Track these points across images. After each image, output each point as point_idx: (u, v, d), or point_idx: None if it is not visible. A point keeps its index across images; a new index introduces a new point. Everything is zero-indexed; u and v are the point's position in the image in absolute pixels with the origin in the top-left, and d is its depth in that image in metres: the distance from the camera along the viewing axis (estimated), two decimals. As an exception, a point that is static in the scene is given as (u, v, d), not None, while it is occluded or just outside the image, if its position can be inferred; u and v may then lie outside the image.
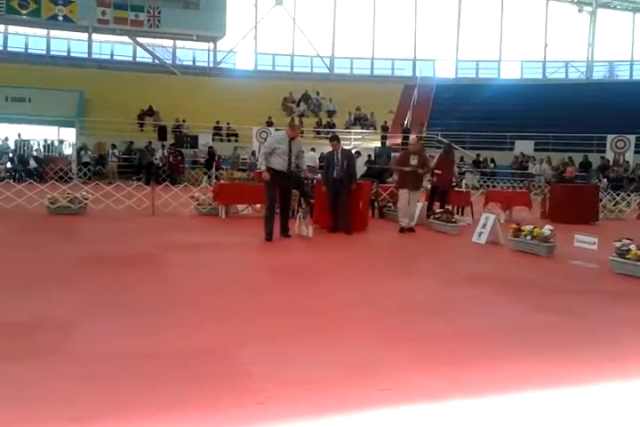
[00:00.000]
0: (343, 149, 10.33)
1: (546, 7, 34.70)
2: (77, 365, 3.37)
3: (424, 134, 27.58)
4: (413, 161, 10.19)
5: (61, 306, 4.58)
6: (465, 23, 34.85)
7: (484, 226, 9.29)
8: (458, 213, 12.31)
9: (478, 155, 25.79)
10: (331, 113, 29.73)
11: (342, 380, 3.24)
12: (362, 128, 28.59)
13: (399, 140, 27.55)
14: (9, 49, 30.69)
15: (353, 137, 26.76)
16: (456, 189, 12.89)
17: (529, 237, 8.18)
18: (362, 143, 26.11)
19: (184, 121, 26.65)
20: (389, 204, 12.87)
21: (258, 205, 12.98)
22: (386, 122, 28.70)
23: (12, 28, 30.80)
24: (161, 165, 22.35)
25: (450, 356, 3.73)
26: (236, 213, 12.33)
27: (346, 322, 4.44)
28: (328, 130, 27.49)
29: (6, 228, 9.07)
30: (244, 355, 3.60)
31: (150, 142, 23.75)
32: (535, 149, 25.62)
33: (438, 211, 11.19)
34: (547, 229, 8.06)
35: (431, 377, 3.33)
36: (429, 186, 12.42)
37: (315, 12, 33.54)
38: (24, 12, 29.26)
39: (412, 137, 10.67)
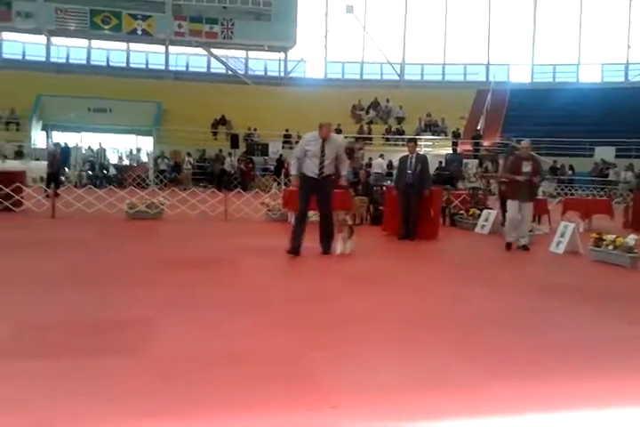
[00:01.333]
0: (418, 154, 10.17)
1: (629, 6, 33.11)
2: (156, 363, 3.46)
3: (498, 140, 26.90)
4: (526, 168, 8.81)
5: (142, 306, 4.75)
6: (541, 25, 33.76)
7: (563, 235, 8.89)
8: (534, 222, 11.86)
9: (555, 161, 24.85)
10: (400, 120, 29.50)
11: (417, 388, 3.16)
12: (432, 134, 28.17)
13: (470, 147, 26.99)
14: (92, 62, 32.30)
15: (423, 143, 26.40)
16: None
17: (611, 247, 7.75)
18: (432, 150, 25.71)
19: (255, 129, 27.15)
20: (461, 211, 12.58)
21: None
22: (458, 128, 28.17)
23: (94, 43, 32.40)
24: (232, 172, 22.85)
25: (531, 369, 3.55)
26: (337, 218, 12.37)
27: (419, 331, 4.34)
28: (397, 137, 27.29)
29: (89, 231, 9.46)
30: (317, 359, 3.58)
31: (220, 150, 24.39)
32: (617, 156, 24.41)
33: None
34: (631, 238, 7.62)
35: (511, 390, 3.17)
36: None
37: (385, 18, 33.44)
38: (106, 27, 30.75)
39: (525, 141, 9.25)
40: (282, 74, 33.61)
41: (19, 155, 23.47)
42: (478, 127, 28.26)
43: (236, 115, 27.83)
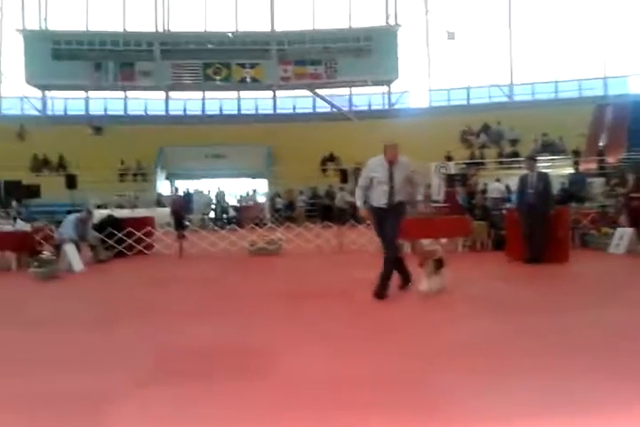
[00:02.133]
0: (539, 172, 9.62)
1: None
2: (282, 387, 3.55)
3: (623, 156, 25.03)
4: None
5: (264, 335, 4.93)
6: (660, 31, 31.51)
7: None
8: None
9: (693, 174, 22.56)
10: (513, 142, 28.40)
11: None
12: (551, 154, 26.80)
13: (594, 165, 25.29)
14: (206, 112, 34.40)
15: (542, 164, 25.14)
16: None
17: None
18: (552, 171, 24.37)
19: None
20: (592, 231, 11.68)
21: (443, 240, 12.63)
22: (577, 147, 26.60)
23: (208, 94, 34.55)
24: (345, 207, 22.99)
25: None
26: (420, 249, 12.04)
27: (542, 352, 4.08)
28: (511, 159, 26.24)
29: (215, 269, 9.89)
30: (442, 384, 3.49)
31: (330, 186, 24.77)
32: None
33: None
34: None
35: None
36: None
37: (489, 40, 32.78)
38: (218, 78, 32.74)
39: None
40: (386, 107, 33.79)
41: (146, 204, 25.19)
42: (600, 144, 26.50)
43: (344, 150, 28.19)
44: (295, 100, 34.70)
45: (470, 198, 15.00)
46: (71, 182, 17.84)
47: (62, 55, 32.28)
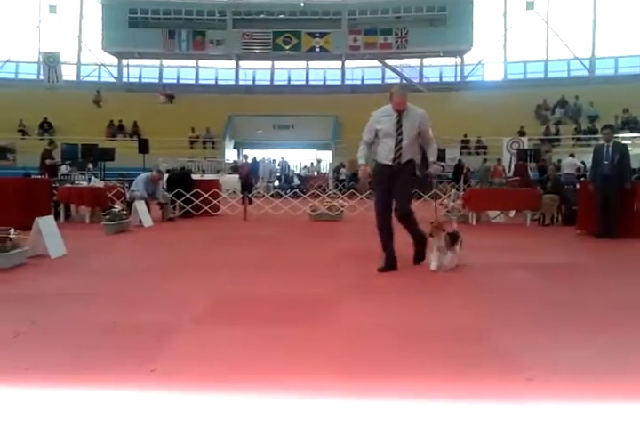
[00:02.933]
0: (615, 143, 9.13)
1: None
2: (340, 330, 3.57)
3: None
4: None
5: (322, 287, 4.97)
6: None
7: None
8: None
9: None
10: (592, 118, 27.06)
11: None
12: (631, 132, 25.41)
13: (678, 144, 23.82)
14: (275, 82, 34.53)
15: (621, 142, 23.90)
16: None
17: None
18: (632, 149, 23.12)
19: (433, 137, 26.79)
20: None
21: (512, 213, 12.30)
22: (661, 124, 25.10)
23: (277, 64, 34.63)
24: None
25: None
26: (486, 221, 11.78)
27: (611, 318, 3.94)
28: (589, 136, 25.07)
29: (277, 230, 10.02)
30: (505, 337, 3.44)
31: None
32: None
33: None
34: None
35: None
36: None
37: (571, 11, 31.10)
38: (287, 47, 32.73)
39: None
40: (458, 79, 32.85)
41: (214, 170, 25.72)
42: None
43: (412, 123, 27.75)
44: (364, 71, 34.25)
45: (542, 173, 14.48)
46: (144, 147, 18.33)
47: (138, 23, 33.08)
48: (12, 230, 5.80)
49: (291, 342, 3.35)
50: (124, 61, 34.62)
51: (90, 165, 20.34)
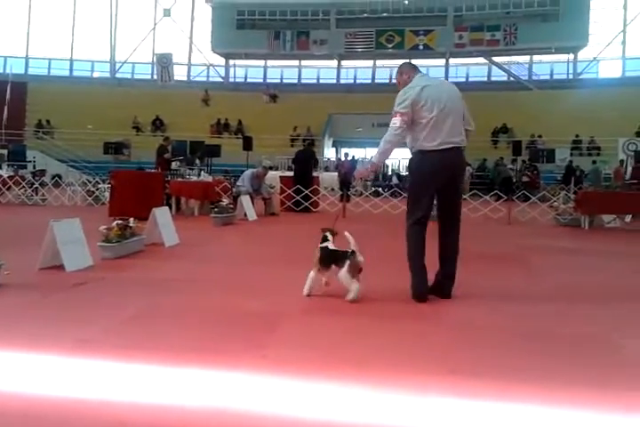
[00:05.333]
0: None
1: None
2: (441, 327, 3.52)
3: None
4: None
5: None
6: None
7: None
8: None
9: None
10: None
11: None
12: None
13: None
14: (377, 81, 34.35)
15: None
16: None
17: None
18: None
19: (540, 136, 25.69)
20: None
21: (628, 218, 11.52)
22: None
23: (378, 62, 34.49)
24: (514, 180, 21.88)
25: None
26: (600, 225, 11.09)
27: None
28: None
29: (375, 227, 9.95)
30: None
31: (501, 158, 23.69)
32: None
33: None
34: None
35: None
36: None
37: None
38: (390, 46, 32.47)
39: None
40: (570, 76, 31.19)
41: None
42: None
43: (519, 122, 26.74)
44: (469, 68, 33.37)
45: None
46: (248, 144, 18.87)
47: (245, 25, 34.16)
48: (132, 220, 6.15)
49: (395, 335, 3.36)
50: (231, 62, 35.87)
51: (197, 161, 21.28)
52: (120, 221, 5.97)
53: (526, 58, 32.40)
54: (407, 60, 5.06)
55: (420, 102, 4.08)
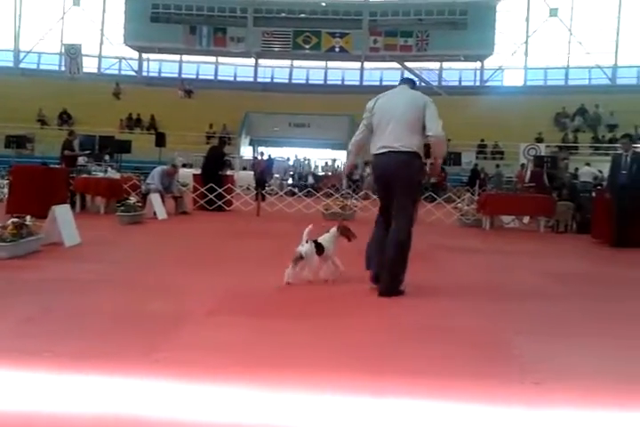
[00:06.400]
0: (634, 152, 9.04)
1: None
2: (357, 329, 3.52)
3: None
4: None
5: (343, 282, 4.93)
6: None
7: None
8: None
9: None
10: (611, 127, 26.82)
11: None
12: (651, 143, 25.16)
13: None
14: (293, 81, 34.57)
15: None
16: None
17: None
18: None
19: (449, 140, 26.61)
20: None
21: (526, 219, 12.22)
22: (683, 135, 24.79)
23: (295, 63, 34.68)
24: (423, 182, 22.65)
25: None
26: (500, 226, 11.72)
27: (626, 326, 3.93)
28: (607, 145, 24.84)
29: (289, 226, 9.95)
30: (517, 342, 3.43)
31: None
32: None
33: None
34: None
35: None
36: None
37: (594, 18, 30.82)
38: (307, 46, 32.76)
39: None
40: (477, 83, 32.69)
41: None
42: None
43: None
44: (382, 72, 34.21)
45: (550, 180, 14.31)
46: (160, 140, 18.40)
47: (160, 18, 33.29)
48: (28, 218, 5.86)
49: (295, 336, 3.36)
50: (145, 55, 34.83)
51: (106, 157, 20.51)
52: (16, 219, 5.68)
53: (437, 64, 33.64)
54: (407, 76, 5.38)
55: (373, 111, 4.60)
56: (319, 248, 4.72)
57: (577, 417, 2.35)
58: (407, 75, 33.49)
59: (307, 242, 4.68)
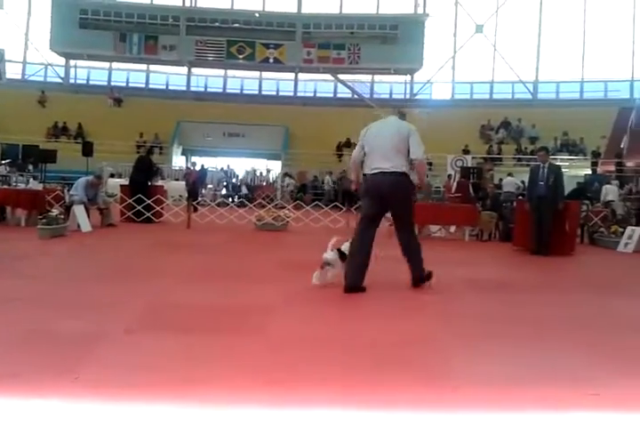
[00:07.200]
0: (550, 164, 9.53)
1: None
2: (269, 343, 3.55)
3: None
4: None
5: (265, 297, 4.96)
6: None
7: None
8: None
9: None
10: (533, 139, 28.12)
11: (540, 382, 2.97)
12: (570, 154, 26.56)
13: (612, 168, 25.01)
14: (227, 91, 34.38)
15: (560, 164, 24.91)
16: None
17: None
18: (569, 170, 24.14)
19: (381, 151, 27.22)
20: (601, 229, 11.59)
21: (452, 228, 12.60)
22: (598, 148, 26.35)
23: (230, 72, 34.52)
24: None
25: None
26: (428, 235, 12.04)
27: (551, 332, 4.10)
28: (529, 157, 26.02)
29: (220, 238, 9.95)
30: (437, 348, 3.57)
31: (344, 171, 24.91)
32: None
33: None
34: None
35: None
36: None
37: (517, 36, 32.32)
38: (241, 56, 32.66)
39: None
40: (407, 96, 33.54)
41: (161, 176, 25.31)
42: (621, 146, 26.19)
43: (361, 137, 28.12)
44: (316, 83, 34.56)
45: (476, 190, 14.87)
46: (88, 150, 17.85)
47: (89, 24, 32.40)
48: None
49: (218, 352, 3.34)
50: (72, 62, 33.77)
51: (30, 167, 19.72)
52: None
53: (369, 77, 34.32)
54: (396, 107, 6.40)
55: (364, 137, 5.50)
56: (342, 256, 5.39)
57: (495, 420, 2.45)
58: (341, 87, 34.09)
59: (331, 250, 5.40)
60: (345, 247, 5.49)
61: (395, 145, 5.33)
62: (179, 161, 28.92)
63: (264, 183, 25.82)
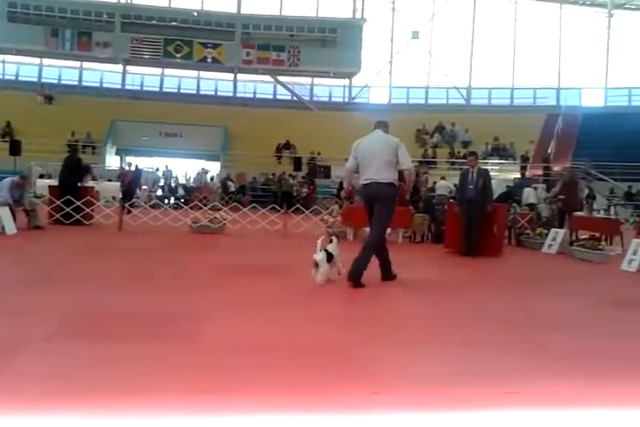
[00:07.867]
0: (479, 168, 9.87)
1: None
2: (203, 351, 3.50)
3: (568, 165, 25.94)
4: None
5: (199, 303, 4.87)
6: (615, 47, 32.68)
7: (635, 253, 8.34)
8: (606, 243, 11.21)
9: (630, 187, 23.67)
10: (466, 144, 29.02)
11: (463, 381, 3.06)
12: (500, 159, 27.56)
13: (540, 171, 26.16)
14: (164, 90, 33.75)
15: (490, 167, 25.80)
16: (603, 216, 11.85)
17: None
18: (499, 174, 25.06)
19: (319, 153, 27.41)
20: (527, 231, 12.10)
21: (388, 230, 12.83)
22: (527, 152, 27.47)
23: (167, 71, 33.92)
24: (295, 194, 23.09)
25: (581, 368, 3.39)
26: (363, 237, 12.20)
27: (474, 330, 4.24)
28: (462, 160, 26.82)
29: (153, 242, 9.75)
30: (367, 351, 3.61)
31: (283, 173, 24.91)
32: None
33: (583, 238, 10.30)
34: None
35: (562, 384, 3.02)
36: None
37: (451, 43, 33.29)
38: (178, 55, 32.15)
39: None
40: (346, 100, 33.92)
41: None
42: (549, 151, 27.42)
43: (300, 139, 28.20)
44: (256, 84, 34.44)
45: (413, 194, 15.17)
46: (15, 149, 17.19)
47: (18, 18, 31.12)
48: None
49: (143, 360, 3.25)
50: (0, 57, 32.32)
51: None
52: None
53: (308, 80, 34.49)
54: (381, 119, 6.83)
55: (357, 151, 6.23)
56: (329, 256, 5.78)
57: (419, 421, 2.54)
58: (281, 89, 34.11)
59: (320, 251, 5.76)
60: (331, 248, 5.93)
61: (385, 159, 6.03)
62: (112, 161, 28.16)
63: (202, 184, 25.48)
